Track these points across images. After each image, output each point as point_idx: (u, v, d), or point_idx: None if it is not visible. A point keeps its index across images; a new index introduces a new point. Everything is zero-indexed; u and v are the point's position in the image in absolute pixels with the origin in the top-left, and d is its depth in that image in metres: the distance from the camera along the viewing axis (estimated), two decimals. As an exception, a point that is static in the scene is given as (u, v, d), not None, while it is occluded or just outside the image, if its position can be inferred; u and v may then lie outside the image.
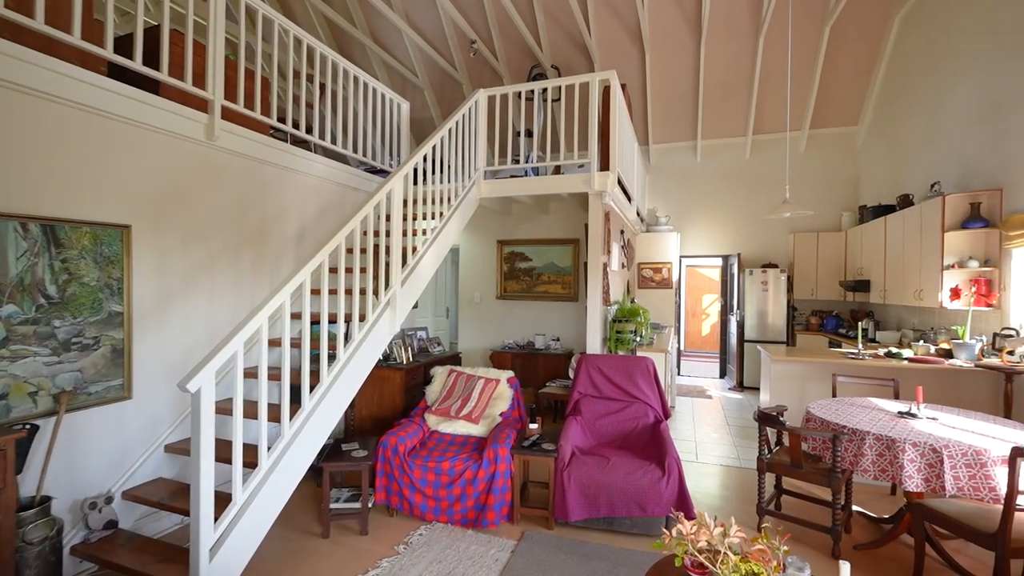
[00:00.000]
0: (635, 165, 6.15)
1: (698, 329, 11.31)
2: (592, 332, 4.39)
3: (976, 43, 4.49)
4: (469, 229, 6.39)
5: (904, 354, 4.30)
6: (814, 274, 7.16)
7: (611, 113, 4.35)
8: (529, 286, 6.11)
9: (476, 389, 3.63)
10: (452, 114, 4.20)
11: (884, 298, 5.56)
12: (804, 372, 4.51)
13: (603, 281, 4.49)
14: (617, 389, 3.46)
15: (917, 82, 5.61)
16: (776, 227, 7.61)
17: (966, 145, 4.58)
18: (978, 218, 4.15)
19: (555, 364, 5.47)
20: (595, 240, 4.42)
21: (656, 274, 7.50)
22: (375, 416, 4.16)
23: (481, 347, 6.27)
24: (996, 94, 4.18)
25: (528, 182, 4.62)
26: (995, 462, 2.30)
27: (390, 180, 3.24)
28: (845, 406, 3.14)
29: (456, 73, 7.60)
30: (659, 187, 8.25)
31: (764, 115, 7.37)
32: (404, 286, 3.38)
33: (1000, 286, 4.04)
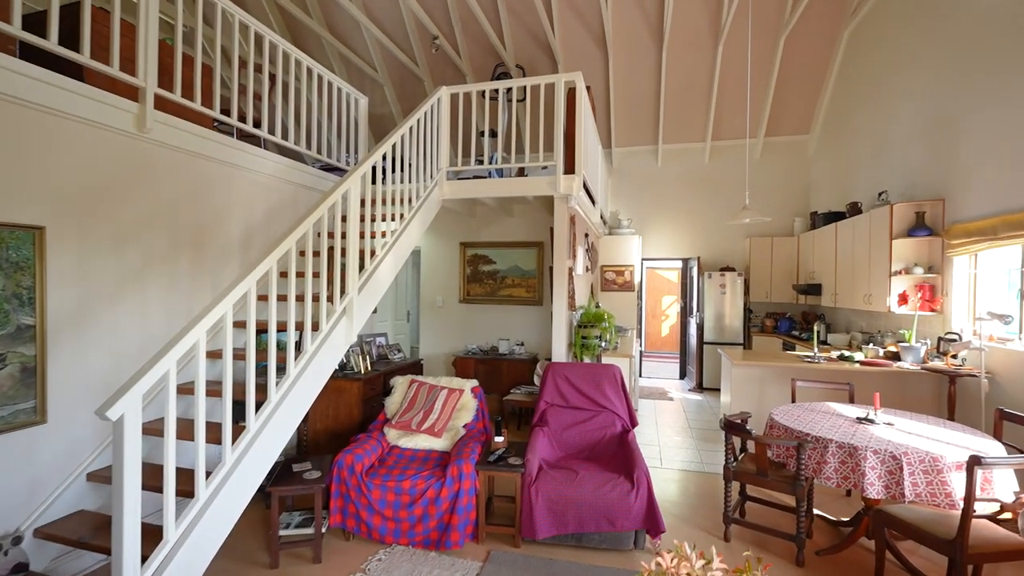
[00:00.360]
0: (599, 168, 6.14)
1: (658, 330, 11.50)
2: (557, 338, 4.31)
3: (918, 61, 4.71)
4: (431, 231, 6.20)
5: (856, 357, 4.45)
6: (769, 277, 7.38)
7: (577, 115, 4.28)
8: (493, 289, 5.99)
9: (439, 400, 3.47)
10: (413, 112, 4.02)
11: (835, 301, 5.77)
12: (763, 376, 4.60)
13: (568, 286, 4.42)
14: (584, 398, 3.38)
15: (864, 95, 5.85)
16: (733, 231, 7.80)
17: (911, 156, 4.79)
18: (923, 227, 4.35)
19: (519, 370, 5.37)
20: (560, 245, 4.34)
21: (619, 277, 7.53)
22: (331, 430, 3.92)
23: (443, 352, 6.09)
24: (938, 109, 4.38)
25: (492, 184, 4.49)
26: (950, 468, 2.36)
27: (346, 180, 3.04)
28: (806, 412, 3.18)
29: (417, 69, 7.37)
30: (622, 190, 8.31)
31: (722, 121, 7.54)
32: (362, 293, 3.18)
33: (943, 292, 4.24)
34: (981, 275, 4.00)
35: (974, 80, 3.92)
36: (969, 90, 3.97)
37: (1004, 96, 3.59)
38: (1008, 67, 3.56)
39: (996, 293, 3.94)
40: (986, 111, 3.76)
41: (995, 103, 3.67)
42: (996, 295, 3.94)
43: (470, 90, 4.48)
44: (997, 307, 3.74)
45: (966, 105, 4.00)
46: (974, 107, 3.90)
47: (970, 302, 4.07)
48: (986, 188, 3.73)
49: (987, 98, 3.76)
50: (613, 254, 7.51)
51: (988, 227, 3.61)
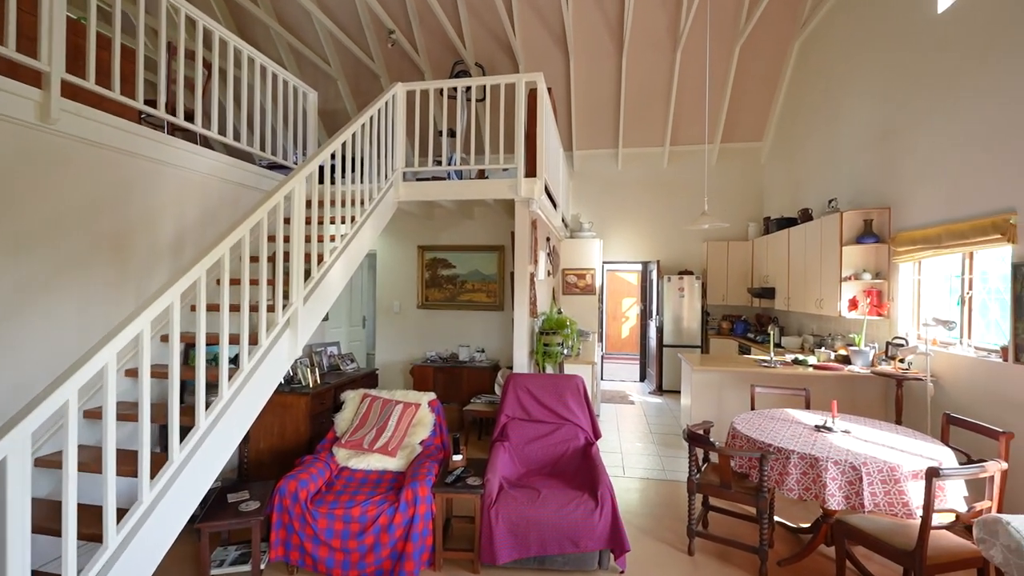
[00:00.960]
0: (560, 170, 6.05)
1: (618, 331, 11.60)
2: (519, 346, 4.18)
3: (865, 73, 4.87)
4: (388, 233, 5.95)
5: (809, 361, 4.55)
6: (725, 281, 7.53)
7: (538, 117, 4.16)
8: (452, 294, 5.80)
9: (393, 416, 3.27)
10: (366, 108, 3.79)
11: (788, 305, 5.92)
12: (722, 380, 4.63)
13: (530, 292, 4.30)
14: (547, 411, 3.26)
15: (814, 104, 6.04)
16: (691, 235, 7.92)
17: (859, 165, 4.95)
18: (870, 234, 4.49)
19: (480, 378, 5.21)
20: (521, 249, 4.22)
21: (580, 280, 7.49)
22: (275, 449, 3.64)
23: (400, 360, 5.85)
24: (884, 121, 4.54)
25: (451, 186, 4.31)
26: (906, 477, 2.38)
27: (290, 179, 2.80)
28: (767, 420, 3.18)
29: (373, 65, 7.08)
30: (582, 193, 8.29)
31: (681, 127, 7.63)
32: (308, 301, 2.94)
33: (889, 297, 4.39)
34: (924, 281, 4.16)
35: (918, 94, 4.06)
36: (914, 103, 4.12)
37: (946, 110, 3.73)
38: (950, 83, 3.70)
39: (938, 299, 4.10)
40: (930, 124, 3.90)
41: (938, 116, 3.81)
42: (938, 301, 4.10)
43: (427, 87, 4.29)
44: (940, 313, 3.89)
45: (911, 117, 4.15)
46: (918, 120, 4.05)
47: (914, 307, 4.23)
48: (930, 198, 3.87)
49: (931, 111, 3.91)
50: (575, 257, 7.46)
51: (933, 235, 3.74)
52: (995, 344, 3.37)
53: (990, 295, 3.52)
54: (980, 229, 3.27)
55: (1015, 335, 3.03)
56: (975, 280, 3.61)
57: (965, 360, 3.49)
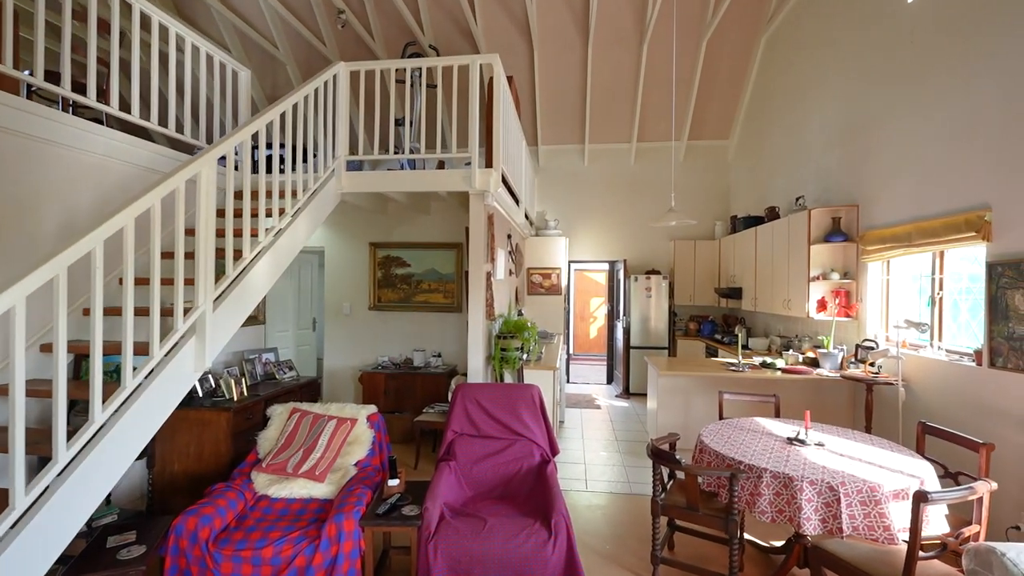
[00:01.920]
0: (523, 165, 5.75)
1: (586, 332, 11.40)
2: (474, 351, 3.85)
3: (833, 69, 4.74)
4: (337, 230, 5.51)
5: (778, 364, 4.37)
6: (692, 281, 7.39)
7: (495, 103, 3.84)
8: (407, 295, 5.41)
9: (325, 433, 2.88)
10: (299, 87, 3.39)
11: (755, 305, 5.78)
12: (689, 385, 4.41)
13: (486, 293, 3.97)
14: (498, 426, 2.94)
15: (781, 101, 5.92)
16: (658, 234, 7.75)
17: (826, 163, 4.82)
18: (839, 232, 4.35)
19: (436, 385, 4.84)
20: (477, 247, 3.88)
21: (545, 280, 7.22)
22: (192, 473, 3.19)
23: (351, 365, 5.42)
24: (852, 117, 4.41)
25: (400, 177, 3.94)
26: (887, 498, 2.16)
27: (195, 161, 2.38)
28: (736, 431, 2.94)
29: (324, 48, 6.61)
30: (548, 190, 8.01)
31: (648, 123, 7.45)
32: (222, 305, 2.53)
33: (857, 297, 4.25)
34: (893, 281, 4.03)
35: (887, 89, 3.93)
36: (882, 98, 3.98)
37: (916, 104, 3.59)
38: (919, 78, 3.56)
39: (906, 299, 3.98)
40: (899, 120, 3.77)
41: (907, 111, 3.67)
42: (906, 301, 3.98)
43: (373, 68, 3.90)
44: (911, 314, 3.76)
45: (879, 114, 4.01)
46: (887, 116, 3.91)
47: (883, 308, 4.10)
48: (899, 195, 3.73)
49: (899, 106, 3.77)
50: (540, 256, 7.20)
51: (903, 234, 3.60)
52: (967, 347, 3.24)
53: (961, 296, 3.39)
54: (953, 227, 3.12)
55: (990, 338, 2.88)
56: (946, 280, 3.47)
57: (937, 364, 3.34)
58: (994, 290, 2.85)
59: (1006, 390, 2.80)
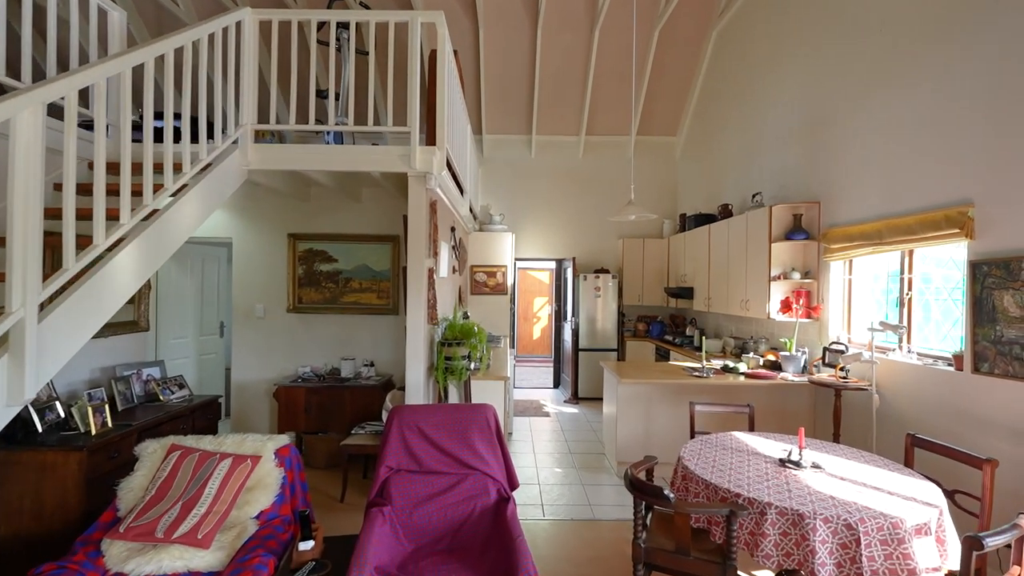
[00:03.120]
0: (468, 151, 5.19)
1: (529, 333, 11.02)
2: (414, 361, 3.25)
3: (791, 61, 4.59)
4: (248, 217, 4.66)
5: (741, 369, 4.13)
6: (641, 280, 7.17)
7: (439, 68, 3.26)
8: (334, 295, 4.68)
9: (215, 478, 2.18)
10: (185, 29, 2.64)
11: (708, 306, 5.59)
12: (651, 393, 4.07)
13: (428, 293, 3.39)
14: (445, 458, 2.37)
15: (733, 96, 5.78)
16: (607, 232, 7.47)
17: (784, 158, 4.67)
18: (800, 230, 4.18)
19: (368, 399, 4.18)
20: (417, 238, 3.29)
21: (490, 279, 6.69)
22: (27, 537, 2.36)
23: (264, 378, 4.61)
24: (813, 111, 4.25)
25: (324, 153, 3.26)
26: (910, 535, 1.84)
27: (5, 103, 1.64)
28: (718, 451, 2.58)
29: (235, 7, 5.67)
30: (493, 182, 7.50)
31: (597, 115, 7.14)
32: (58, 309, 1.80)
33: (819, 298, 4.10)
34: (856, 281, 3.90)
35: (851, 80, 3.77)
36: (846, 90, 3.83)
37: (884, 96, 3.43)
38: (888, 65, 3.40)
39: (868, 300, 3.86)
40: (866, 112, 3.61)
41: (876, 104, 3.51)
42: (868, 302, 3.86)
43: (289, 18, 3.22)
44: (874, 315, 3.61)
45: (843, 106, 3.86)
46: (852, 108, 3.76)
47: (845, 309, 3.96)
48: (867, 191, 3.57)
49: (865, 98, 3.61)
50: (485, 253, 6.66)
51: (872, 231, 3.43)
52: (943, 350, 3.10)
53: (931, 295, 3.26)
54: (931, 223, 2.95)
55: (973, 342, 2.71)
56: (915, 280, 3.34)
57: (909, 368, 3.19)
58: (978, 290, 2.68)
59: (992, 397, 2.63)
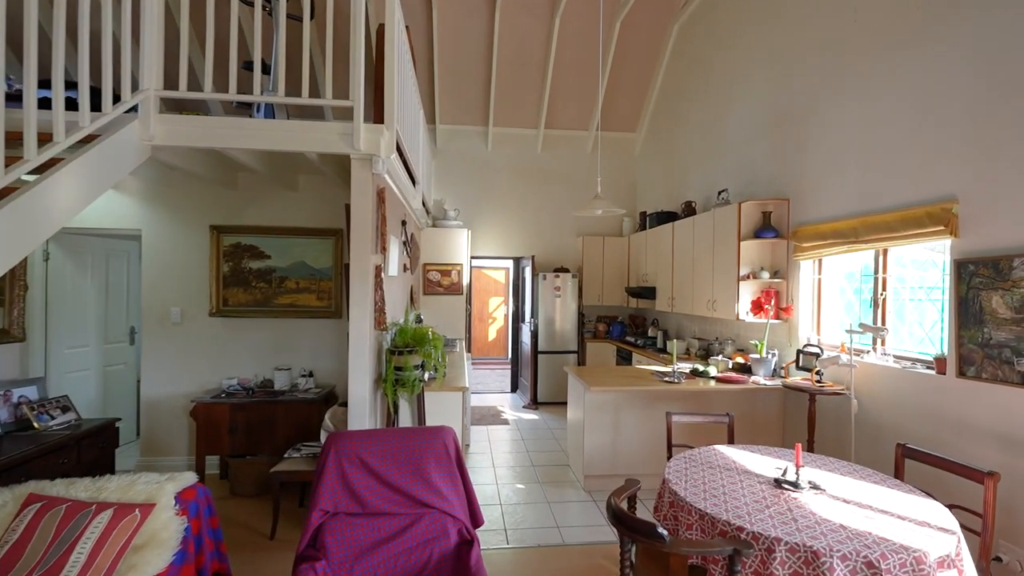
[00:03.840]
0: (421, 138, 4.74)
1: (484, 334, 10.64)
2: (358, 372, 2.81)
3: (758, 55, 4.47)
4: (161, 206, 4.00)
5: (711, 372, 3.95)
6: (601, 279, 6.96)
7: (387, 32, 2.82)
8: (266, 296, 4.11)
9: (87, 538, 1.67)
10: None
11: (672, 306, 5.42)
12: (620, 401, 3.80)
13: (375, 293, 2.94)
14: (395, 495, 1.96)
15: (696, 92, 5.65)
16: (566, 229, 7.22)
17: (751, 155, 4.54)
18: (769, 228, 4.04)
19: (305, 415, 3.66)
20: (361, 231, 2.84)
21: (444, 278, 6.27)
22: None
23: (181, 393, 3.97)
24: (780, 105, 4.13)
25: (248, 129, 2.74)
26: (933, 570, 1.62)
27: None
28: (705, 471, 2.31)
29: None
30: (446, 175, 7.07)
31: (556, 108, 6.86)
32: None
33: (788, 298, 3.97)
34: (825, 281, 3.80)
35: (823, 73, 3.65)
36: (818, 86, 3.71)
37: (861, 90, 3.31)
38: (864, 60, 3.28)
39: (834, 300, 3.77)
40: (839, 107, 3.49)
41: (850, 98, 3.39)
42: (834, 302, 3.76)
43: (202, -36, 2.66)
44: (843, 316, 3.50)
45: (814, 101, 3.74)
46: (824, 103, 3.64)
47: (814, 309, 3.85)
48: (840, 187, 3.45)
49: (840, 93, 3.49)
50: (438, 250, 6.24)
51: (847, 229, 3.30)
52: (922, 353, 2.99)
53: (906, 295, 3.16)
54: (913, 221, 2.83)
55: (959, 345, 2.59)
56: (889, 280, 3.24)
57: (887, 371, 3.07)
58: (964, 291, 2.56)
59: (979, 403, 2.52)
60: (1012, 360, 2.34)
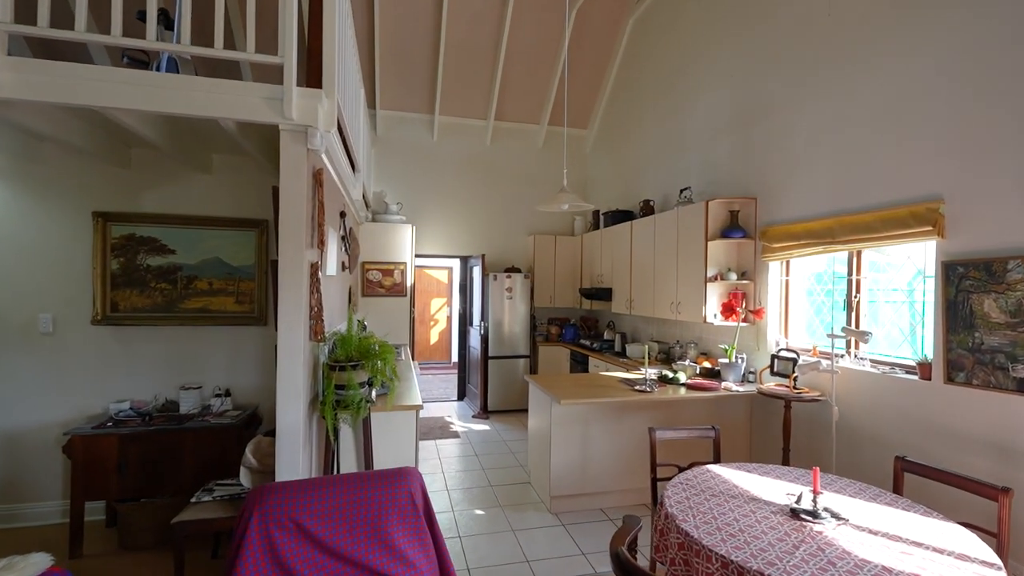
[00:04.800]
0: (361, 120, 4.18)
1: (426, 337, 10.07)
2: (289, 395, 2.27)
3: (720, 51, 4.35)
4: (22, 186, 3.17)
5: (680, 379, 3.74)
6: (553, 280, 6.68)
7: None
8: (170, 299, 3.39)
9: None
10: None
11: (631, 309, 5.22)
12: (588, 413, 3.48)
13: (311, 297, 2.41)
14: (346, 570, 1.47)
15: (653, 87, 5.49)
16: (516, 227, 6.87)
17: (714, 152, 4.41)
18: (736, 227, 3.90)
19: (220, 446, 3.01)
20: (294, 220, 2.30)
21: (386, 277, 5.71)
22: None
23: (53, 422, 3.16)
24: (747, 101, 4.01)
25: (139, 82, 2.11)
26: (991, 617, 1.41)
27: None
28: (708, 499, 2.02)
29: None
30: (388, 166, 6.48)
31: (507, 100, 6.49)
32: None
33: (757, 300, 3.85)
34: (793, 283, 3.70)
35: (793, 68, 3.55)
36: (787, 80, 3.60)
37: (835, 84, 3.21)
38: (839, 53, 3.18)
39: (801, 302, 3.69)
40: (811, 102, 3.39)
41: (823, 92, 3.29)
42: (801, 304, 3.68)
43: None
44: (809, 318, 3.41)
45: (784, 96, 3.63)
46: (794, 98, 3.53)
47: (782, 312, 3.75)
48: (813, 186, 3.35)
49: (812, 87, 3.39)
50: (380, 247, 5.67)
51: (822, 229, 3.19)
52: (901, 357, 2.91)
53: (881, 297, 3.09)
54: (896, 221, 2.72)
55: (947, 350, 2.50)
56: (863, 282, 3.16)
57: (865, 377, 2.97)
58: (952, 293, 2.47)
59: (969, 410, 2.43)
60: (1007, 366, 2.25)
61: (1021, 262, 2.20)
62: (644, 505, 3.56)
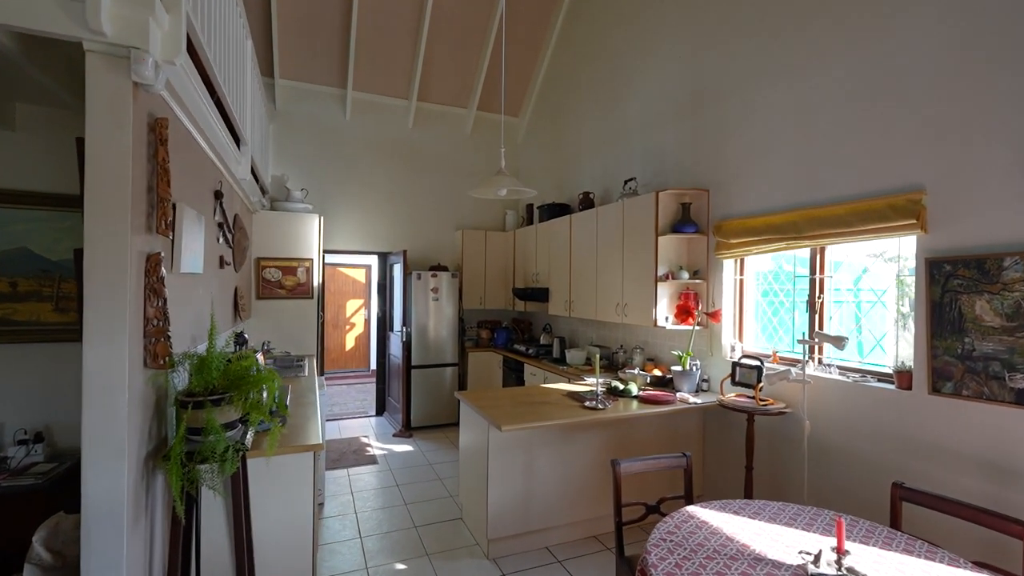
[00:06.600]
0: (248, 79, 3.33)
1: (341, 343, 9.07)
2: (99, 447, 1.51)
3: (664, 32, 4.02)
4: None
5: (632, 391, 3.32)
6: (483, 279, 6.10)
7: None
8: (-51, 307, 2.37)
9: None
10: None
11: (570, 311, 4.78)
12: (532, 437, 2.95)
13: (145, 303, 1.64)
14: None
15: (590, 74, 5.09)
16: (443, 220, 6.22)
17: (659, 141, 4.07)
18: (689, 222, 3.56)
19: (20, 519, 2.10)
20: (108, 186, 1.52)
21: (288, 276, 4.81)
22: None
23: None
24: (695, 86, 3.70)
25: None
26: None
27: None
28: (706, 563, 1.55)
29: None
30: (290, 146, 5.54)
31: (432, 79, 5.81)
32: None
33: (711, 301, 3.53)
34: (747, 282, 3.43)
35: (750, 49, 3.25)
36: (743, 62, 3.30)
37: (799, 64, 2.93)
38: (803, 28, 2.91)
39: (751, 303, 3.42)
40: (770, 85, 3.10)
41: (785, 74, 3.01)
42: (752, 305, 3.42)
43: None
44: (758, 319, 3.14)
45: (738, 79, 3.33)
46: (750, 81, 3.24)
47: (736, 314, 3.46)
48: (774, 177, 3.06)
49: (770, 72, 3.10)
50: (279, 241, 4.78)
51: (785, 224, 2.90)
52: (873, 364, 2.67)
53: (845, 298, 2.86)
54: (872, 214, 2.46)
55: (932, 357, 2.25)
56: (825, 281, 2.91)
57: (834, 385, 2.70)
58: (938, 294, 2.22)
59: (956, 424, 2.19)
60: (1002, 375, 2.02)
61: (1020, 259, 1.96)
62: (595, 538, 3.10)
